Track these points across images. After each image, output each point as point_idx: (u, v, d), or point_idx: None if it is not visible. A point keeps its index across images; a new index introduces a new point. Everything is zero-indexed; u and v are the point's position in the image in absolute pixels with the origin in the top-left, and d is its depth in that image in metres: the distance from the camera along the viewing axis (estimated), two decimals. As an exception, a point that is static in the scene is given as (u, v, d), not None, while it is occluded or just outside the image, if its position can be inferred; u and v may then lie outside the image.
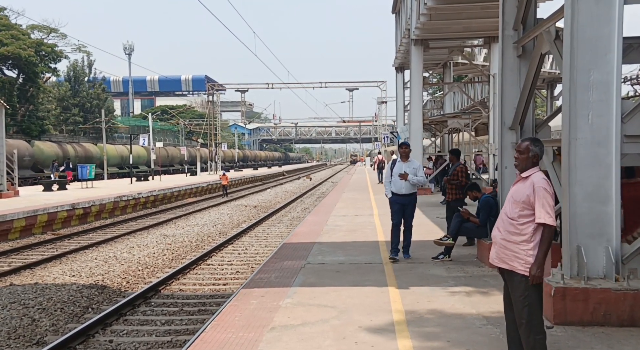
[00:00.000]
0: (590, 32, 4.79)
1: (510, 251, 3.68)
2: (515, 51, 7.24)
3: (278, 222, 18.16)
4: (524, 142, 3.85)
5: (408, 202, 8.13)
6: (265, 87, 48.82)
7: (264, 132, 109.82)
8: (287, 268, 7.67)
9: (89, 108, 53.65)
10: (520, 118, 7.10)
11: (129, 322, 7.43)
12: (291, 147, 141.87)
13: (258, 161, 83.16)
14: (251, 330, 4.98)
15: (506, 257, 3.72)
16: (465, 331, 4.84)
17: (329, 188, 33.85)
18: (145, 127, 53.17)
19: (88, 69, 56.71)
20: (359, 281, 6.78)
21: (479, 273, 7.18)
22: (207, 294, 8.95)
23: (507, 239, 3.71)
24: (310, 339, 4.70)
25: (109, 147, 42.10)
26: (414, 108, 19.58)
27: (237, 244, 13.77)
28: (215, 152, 49.33)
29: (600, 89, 4.83)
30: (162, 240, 14.13)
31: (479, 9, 15.97)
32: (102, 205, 19.10)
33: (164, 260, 11.62)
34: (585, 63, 4.85)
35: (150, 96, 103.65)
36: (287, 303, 5.83)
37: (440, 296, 6.05)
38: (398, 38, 26.08)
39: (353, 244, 9.65)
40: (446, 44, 21.08)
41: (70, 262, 11.48)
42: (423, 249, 8.63)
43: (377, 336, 4.76)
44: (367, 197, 20.05)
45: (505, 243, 3.72)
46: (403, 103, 28.54)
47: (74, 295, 8.65)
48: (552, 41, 5.90)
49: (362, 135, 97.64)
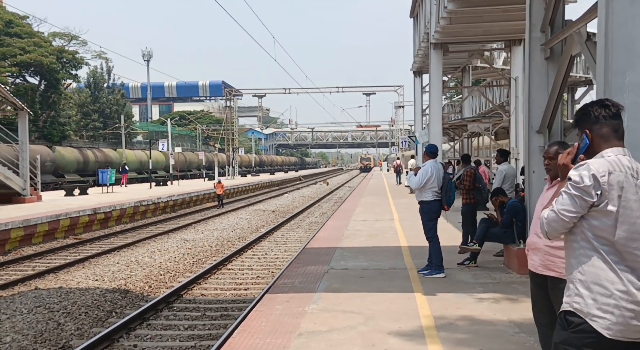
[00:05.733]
0: (626, 32, 4.66)
1: (558, 258, 3.57)
2: (542, 53, 7.12)
3: (297, 226, 18.12)
4: (552, 147, 3.75)
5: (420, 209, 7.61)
6: (282, 92, 48.99)
7: (280, 137, 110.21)
8: (310, 273, 7.61)
9: (108, 114, 54.40)
10: (549, 121, 6.98)
11: (153, 326, 7.43)
12: (307, 152, 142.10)
13: (274, 166, 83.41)
14: (278, 336, 4.93)
15: (552, 265, 3.59)
16: (498, 339, 4.73)
17: (346, 193, 33.75)
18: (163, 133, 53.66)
19: (107, 75, 57.55)
20: (383, 287, 6.70)
21: (506, 279, 7.04)
22: (228, 298, 8.93)
23: (552, 245, 3.59)
24: (338, 346, 4.63)
25: (128, 152, 42.57)
26: (434, 112, 19.43)
27: (256, 248, 13.76)
28: (232, 157, 49.57)
29: (636, 92, 4.70)
30: (183, 244, 14.17)
31: (500, 12, 15.78)
32: (122, 210, 19.25)
33: (184, 265, 11.65)
34: (620, 64, 4.72)
35: (168, 102, 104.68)
36: (312, 309, 5.77)
37: (468, 303, 5.94)
38: (416, 42, 25.95)
39: (375, 249, 9.56)
40: (466, 47, 20.90)
41: (93, 266, 11.56)
42: (447, 255, 8.49)
43: (406, 342, 4.67)
44: (386, 202, 19.93)
45: (551, 250, 3.60)
46: (421, 107, 28.38)
47: (98, 299, 8.69)
48: (583, 43, 5.78)
49: (378, 139, 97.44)
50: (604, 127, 2.36)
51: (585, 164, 2.27)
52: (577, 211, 2.25)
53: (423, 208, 7.46)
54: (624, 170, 2.25)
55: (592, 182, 2.22)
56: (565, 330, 2.30)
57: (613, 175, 2.24)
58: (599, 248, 2.25)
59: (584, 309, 2.24)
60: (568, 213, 2.26)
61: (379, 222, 13.49)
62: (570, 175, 2.29)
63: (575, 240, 2.32)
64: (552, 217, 2.31)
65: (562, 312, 2.34)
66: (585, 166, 2.26)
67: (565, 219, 2.27)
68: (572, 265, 2.34)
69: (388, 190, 27.27)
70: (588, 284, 2.26)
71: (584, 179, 2.23)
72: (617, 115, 2.39)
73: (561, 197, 2.30)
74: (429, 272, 7.33)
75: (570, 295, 2.31)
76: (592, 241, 2.27)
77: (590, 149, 2.38)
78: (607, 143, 2.35)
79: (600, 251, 2.25)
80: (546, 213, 2.35)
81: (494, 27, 17.29)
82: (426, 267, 7.46)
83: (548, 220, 2.33)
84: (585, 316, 2.23)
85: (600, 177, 2.22)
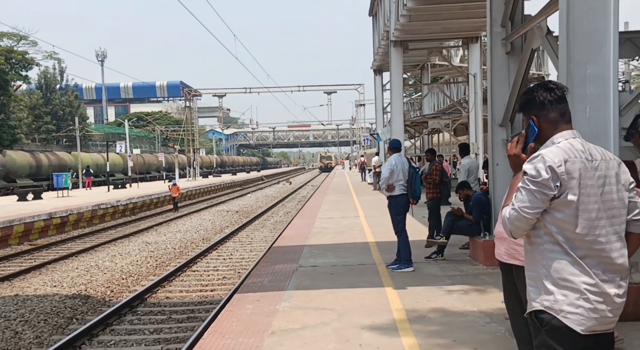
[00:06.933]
0: (587, 24, 4.78)
1: (521, 247, 3.61)
2: (503, 48, 7.25)
3: (261, 226, 17.95)
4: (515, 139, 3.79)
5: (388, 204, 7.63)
6: (243, 92, 48.50)
7: (241, 137, 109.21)
8: (279, 272, 7.51)
9: (61, 116, 52.60)
10: (511, 115, 7.10)
11: (116, 332, 7.19)
12: (269, 152, 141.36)
13: (236, 166, 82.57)
14: (251, 335, 4.82)
15: (516, 253, 3.64)
16: (470, 330, 4.76)
17: (310, 191, 33.71)
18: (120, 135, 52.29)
19: (60, 76, 55.65)
20: (354, 283, 6.67)
21: (473, 271, 7.13)
22: (195, 300, 8.74)
23: None
24: (313, 343, 4.56)
25: (84, 155, 41.23)
26: (395, 109, 19.60)
27: (221, 249, 13.54)
28: (193, 158, 48.77)
29: (597, 83, 4.82)
30: (145, 247, 13.80)
31: (458, 9, 16.05)
32: (80, 214, 18.61)
33: (147, 268, 11.34)
34: (582, 56, 4.84)
35: (124, 103, 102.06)
36: (284, 307, 5.68)
37: (438, 295, 5.98)
38: (376, 40, 26.15)
39: (343, 245, 9.54)
40: (425, 45, 21.18)
41: (51, 272, 11.11)
42: (415, 249, 8.54)
43: (380, 336, 4.65)
44: (351, 199, 19.99)
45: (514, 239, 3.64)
46: (382, 105, 28.62)
47: (57, 306, 8.33)
48: (544, 36, 5.90)
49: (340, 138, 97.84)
50: (550, 112, 2.26)
51: (539, 156, 2.17)
52: (538, 206, 2.15)
53: (391, 203, 7.47)
54: (579, 156, 2.17)
55: (549, 174, 2.12)
56: (540, 331, 2.22)
57: (569, 163, 2.15)
58: (563, 243, 2.17)
59: (555, 307, 2.16)
60: (530, 209, 2.15)
61: (345, 219, 13.49)
62: (525, 170, 2.19)
63: (539, 235, 2.23)
64: (515, 216, 2.18)
65: (533, 312, 2.24)
66: (540, 158, 2.16)
67: (527, 216, 2.16)
68: (538, 261, 2.24)
69: (352, 188, 27.38)
70: (555, 280, 2.17)
71: (541, 172, 2.13)
72: (563, 98, 2.28)
73: (520, 193, 2.18)
74: (397, 266, 7.35)
75: (539, 294, 2.22)
76: (555, 235, 2.18)
77: (538, 136, 2.28)
78: (555, 128, 2.26)
79: (564, 246, 2.17)
80: (507, 212, 2.22)
81: (452, 24, 17.57)
82: (395, 262, 7.48)
83: (511, 219, 2.21)
84: (557, 314, 2.15)
85: (557, 167, 2.12)
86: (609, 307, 2.18)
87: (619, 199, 2.24)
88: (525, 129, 2.35)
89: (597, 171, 2.20)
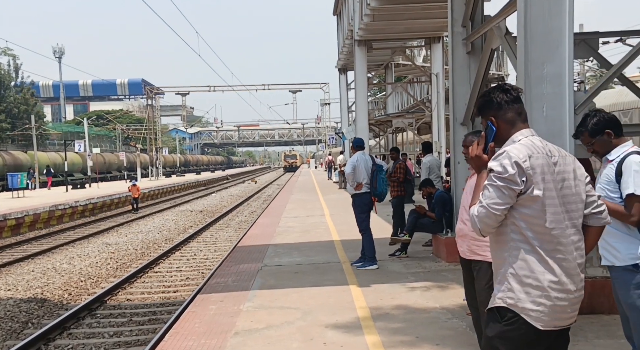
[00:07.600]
0: (543, 25, 4.89)
1: (482, 242, 3.67)
2: (464, 48, 7.36)
3: (226, 226, 17.76)
4: (469, 137, 3.87)
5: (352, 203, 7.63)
6: (207, 90, 47.90)
7: (205, 136, 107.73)
8: (243, 271, 7.44)
9: (16, 114, 50.76)
10: (472, 114, 7.22)
11: (74, 335, 6.97)
12: (234, 151, 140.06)
13: (200, 166, 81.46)
14: (213, 336, 4.74)
15: (478, 248, 3.70)
16: (433, 326, 4.81)
17: (275, 190, 33.56)
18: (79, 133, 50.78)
19: (15, 73, 53.67)
20: (319, 281, 6.66)
21: (436, 268, 7.23)
22: (157, 302, 8.56)
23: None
24: (277, 342, 4.53)
25: (40, 154, 39.91)
26: (360, 108, 19.71)
27: (184, 250, 13.32)
28: (156, 157, 47.85)
29: (554, 82, 4.95)
30: (105, 249, 13.46)
31: (419, 9, 16.25)
32: (36, 215, 17.99)
33: (108, 270, 11.05)
34: (539, 56, 4.95)
35: (83, 101, 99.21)
36: (248, 307, 5.62)
37: (401, 292, 6.03)
38: (340, 40, 26.23)
39: (308, 244, 9.52)
40: (389, 45, 21.37)
41: (5, 275, 10.69)
42: (379, 247, 8.59)
43: (344, 335, 4.65)
44: (316, 198, 20.00)
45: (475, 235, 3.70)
46: (347, 104, 28.75)
47: (11, 310, 8.03)
48: (502, 36, 6.02)
49: (305, 137, 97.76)
50: (508, 112, 2.33)
51: (503, 153, 2.21)
52: (506, 202, 2.18)
53: (355, 201, 7.49)
54: (541, 152, 2.23)
55: (515, 169, 2.15)
56: (498, 323, 2.25)
57: (533, 158, 2.20)
58: (530, 239, 2.20)
59: (518, 304, 2.19)
60: (498, 206, 2.18)
61: (310, 218, 13.48)
62: (491, 167, 2.22)
63: (506, 232, 2.25)
64: (484, 213, 2.20)
65: (494, 308, 2.27)
66: (505, 154, 2.20)
67: (496, 213, 2.18)
68: (504, 258, 2.26)
69: (317, 187, 27.41)
70: (520, 277, 2.20)
71: (507, 168, 2.16)
72: (518, 98, 2.37)
73: (487, 190, 2.20)
74: (362, 264, 7.38)
75: (503, 291, 2.24)
76: (524, 232, 2.20)
77: (497, 136, 2.34)
78: (513, 127, 2.33)
79: (532, 242, 2.20)
80: (475, 210, 2.23)
81: (415, 24, 17.79)
82: (359, 260, 7.51)
83: (479, 217, 2.21)
84: (521, 312, 2.18)
85: (523, 162, 2.17)
86: (569, 302, 2.23)
87: (577, 193, 2.30)
88: (485, 130, 2.41)
89: (557, 167, 2.26)
